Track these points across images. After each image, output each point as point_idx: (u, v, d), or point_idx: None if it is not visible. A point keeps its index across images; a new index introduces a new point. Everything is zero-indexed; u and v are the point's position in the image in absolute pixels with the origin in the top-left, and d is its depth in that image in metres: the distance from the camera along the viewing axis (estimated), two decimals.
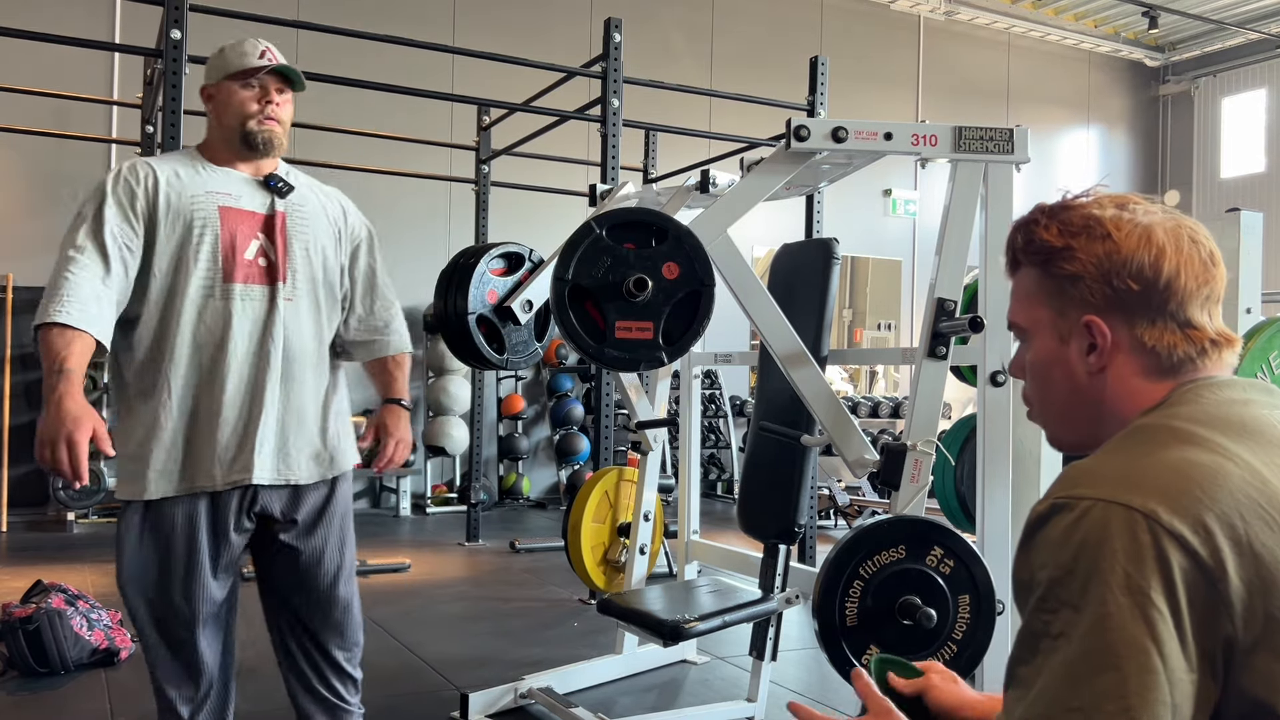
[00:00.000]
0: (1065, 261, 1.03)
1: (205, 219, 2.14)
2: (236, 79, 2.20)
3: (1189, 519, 0.85)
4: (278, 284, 2.18)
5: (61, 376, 1.93)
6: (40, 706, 3.31)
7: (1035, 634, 0.88)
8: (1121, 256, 1.00)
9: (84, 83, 7.03)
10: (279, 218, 2.22)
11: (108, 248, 2.06)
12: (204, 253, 2.12)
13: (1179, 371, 1.01)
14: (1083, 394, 1.05)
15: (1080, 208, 1.05)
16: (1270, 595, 0.85)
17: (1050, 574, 0.88)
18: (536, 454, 8.85)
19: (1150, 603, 0.83)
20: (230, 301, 2.14)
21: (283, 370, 2.17)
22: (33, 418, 7.21)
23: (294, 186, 2.28)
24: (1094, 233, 1.02)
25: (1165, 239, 1.01)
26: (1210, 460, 0.90)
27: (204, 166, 2.22)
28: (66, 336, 1.97)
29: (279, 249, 2.20)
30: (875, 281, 10.80)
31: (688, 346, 2.38)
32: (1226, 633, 0.84)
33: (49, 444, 1.88)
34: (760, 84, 7.23)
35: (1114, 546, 0.85)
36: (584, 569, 3.98)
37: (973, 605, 2.26)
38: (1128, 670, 0.82)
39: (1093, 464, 0.95)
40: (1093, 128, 12.22)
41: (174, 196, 2.13)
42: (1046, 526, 0.90)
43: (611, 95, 4.97)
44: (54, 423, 1.89)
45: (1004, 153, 2.54)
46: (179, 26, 4.04)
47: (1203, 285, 1.01)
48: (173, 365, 2.11)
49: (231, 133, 2.21)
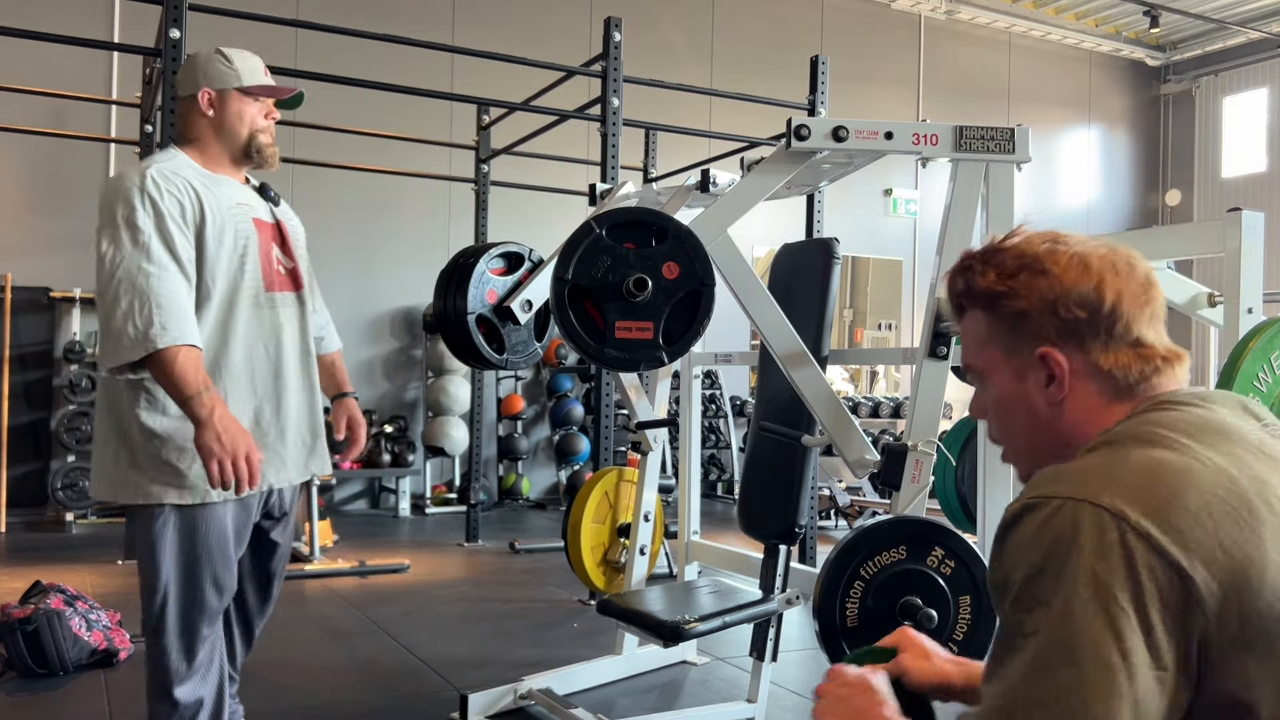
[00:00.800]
0: (1009, 300, 1.05)
1: (246, 231, 2.20)
2: (248, 93, 2.24)
3: (1157, 518, 0.87)
4: (303, 290, 2.33)
5: (211, 395, 2.02)
6: (39, 707, 3.31)
7: (1010, 633, 0.90)
8: (1064, 287, 1.03)
9: (83, 82, 7.03)
10: (284, 227, 2.33)
11: (183, 263, 2.09)
12: (250, 264, 2.20)
13: (1136, 391, 1.04)
14: (1046, 426, 1.07)
15: (1011, 249, 1.07)
16: (1244, 593, 0.86)
17: (1023, 574, 0.90)
18: (536, 454, 8.84)
19: (1113, 599, 0.85)
20: (277, 310, 2.25)
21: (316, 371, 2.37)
22: (33, 418, 7.21)
23: (279, 196, 2.40)
24: (1032, 269, 1.05)
25: (1101, 265, 1.04)
26: (1178, 460, 0.92)
27: (212, 175, 2.23)
28: (195, 356, 2.04)
29: (293, 257, 2.33)
30: (876, 281, 10.79)
31: (688, 346, 2.37)
32: (1200, 630, 0.85)
33: (231, 457, 1.99)
34: (760, 84, 7.22)
35: (1081, 544, 0.87)
36: (584, 569, 3.97)
37: (973, 606, 2.25)
38: (1086, 666, 0.84)
39: (1063, 466, 0.97)
40: (1094, 127, 12.22)
41: (213, 207, 2.16)
42: (1019, 526, 0.92)
43: (611, 95, 4.97)
44: (230, 439, 2.00)
45: (1005, 152, 2.53)
46: (178, 26, 4.04)
47: (1145, 305, 1.04)
48: (229, 373, 2.17)
49: (238, 141, 2.24)
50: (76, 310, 7.26)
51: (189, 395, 2.00)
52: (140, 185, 2.07)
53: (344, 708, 3.34)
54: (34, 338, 7.26)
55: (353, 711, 3.32)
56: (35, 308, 7.24)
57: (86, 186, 7.38)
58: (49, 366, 7.29)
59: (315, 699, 3.41)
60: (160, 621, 2.16)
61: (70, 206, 7.24)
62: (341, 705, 3.36)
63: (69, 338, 7.25)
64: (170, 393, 2.03)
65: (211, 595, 2.18)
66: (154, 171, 2.11)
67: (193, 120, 2.25)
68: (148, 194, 2.07)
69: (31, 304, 7.22)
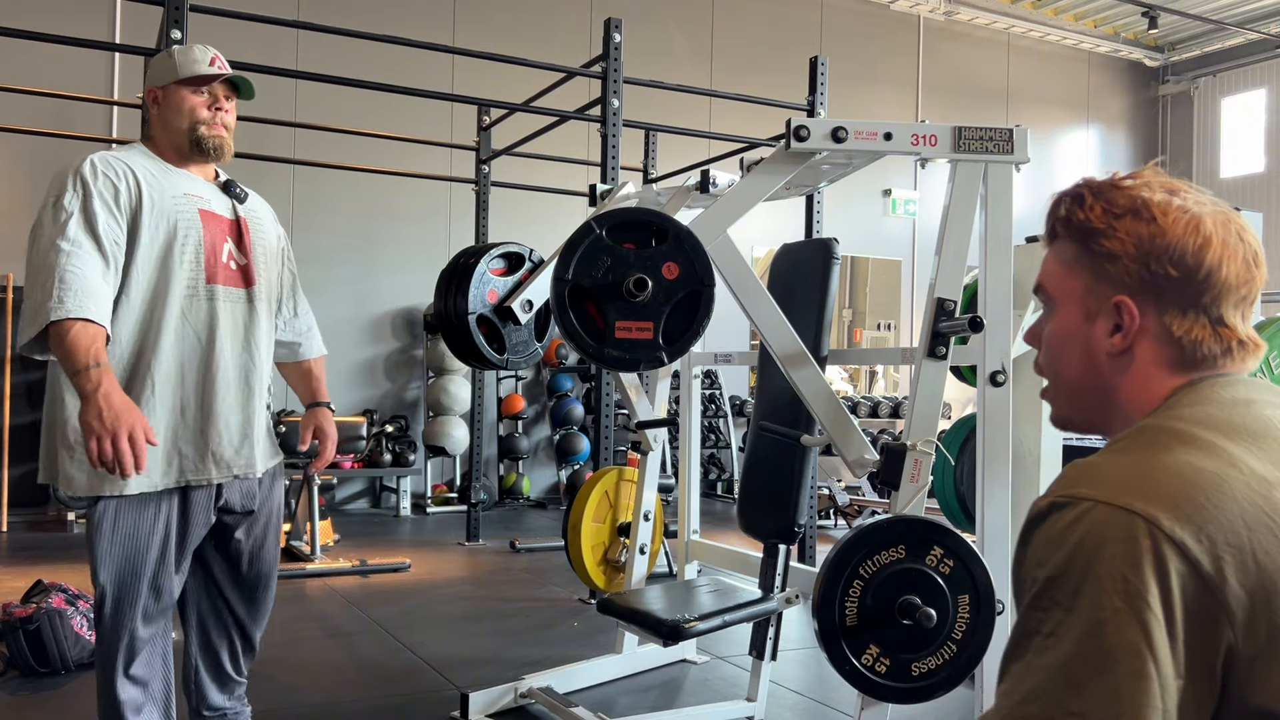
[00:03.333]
0: (1105, 239, 1.00)
1: (189, 220, 2.18)
2: (187, 84, 2.23)
3: (1191, 526, 0.84)
4: (253, 287, 2.29)
5: (102, 370, 1.95)
6: (40, 706, 3.32)
7: (1028, 631, 0.88)
8: (1165, 240, 0.97)
9: (84, 83, 7.03)
10: (243, 223, 2.31)
11: (103, 242, 2.07)
12: (188, 253, 2.17)
13: (1198, 367, 0.99)
14: (1098, 374, 1.03)
15: (1128, 189, 1.01)
16: (1273, 605, 0.84)
17: (1046, 573, 0.87)
18: (536, 454, 8.85)
19: (1147, 607, 0.82)
20: (215, 302, 2.21)
21: (259, 369, 2.31)
22: (33, 418, 7.21)
23: (248, 193, 2.38)
24: (1140, 215, 0.99)
25: (1213, 230, 0.98)
26: (1215, 466, 0.88)
27: (167, 167, 2.24)
28: (90, 331, 1.98)
29: (248, 254, 2.29)
30: (875, 281, 10.80)
31: (688, 346, 2.38)
32: (1228, 641, 0.83)
33: (110, 436, 1.90)
34: (760, 84, 7.23)
35: (1113, 550, 0.84)
36: (584, 569, 3.98)
37: (972, 605, 2.26)
38: (1121, 674, 0.82)
39: (1095, 463, 0.93)
40: (1092, 128, 12.22)
41: (155, 195, 2.15)
42: (1045, 524, 0.90)
43: (611, 95, 4.97)
44: (112, 416, 1.91)
45: (1004, 153, 2.54)
46: (179, 26, 4.04)
47: (1242, 284, 0.98)
48: (156, 361, 2.14)
49: (180, 136, 2.24)
50: None
51: (77, 369, 1.94)
52: (77, 169, 2.11)
53: (344, 706, 3.35)
54: None
55: (353, 710, 3.33)
56: None
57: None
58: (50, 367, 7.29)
59: (316, 698, 3.42)
60: (100, 616, 2.15)
61: None
62: (342, 704, 3.37)
63: None
64: (63, 368, 1.99)
65: (147, 594, 2.14)
66: (95, 157, 2.15)
67: (149, 117, 2.31)
68: (80, 176, 2.09)
69: None
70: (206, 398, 2.20)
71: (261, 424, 2.33)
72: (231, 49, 2.61)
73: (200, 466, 2.20)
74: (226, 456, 2.23)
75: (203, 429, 2.20)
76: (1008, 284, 2.56)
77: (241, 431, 2.26)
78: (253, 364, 2.29)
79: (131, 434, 1.92)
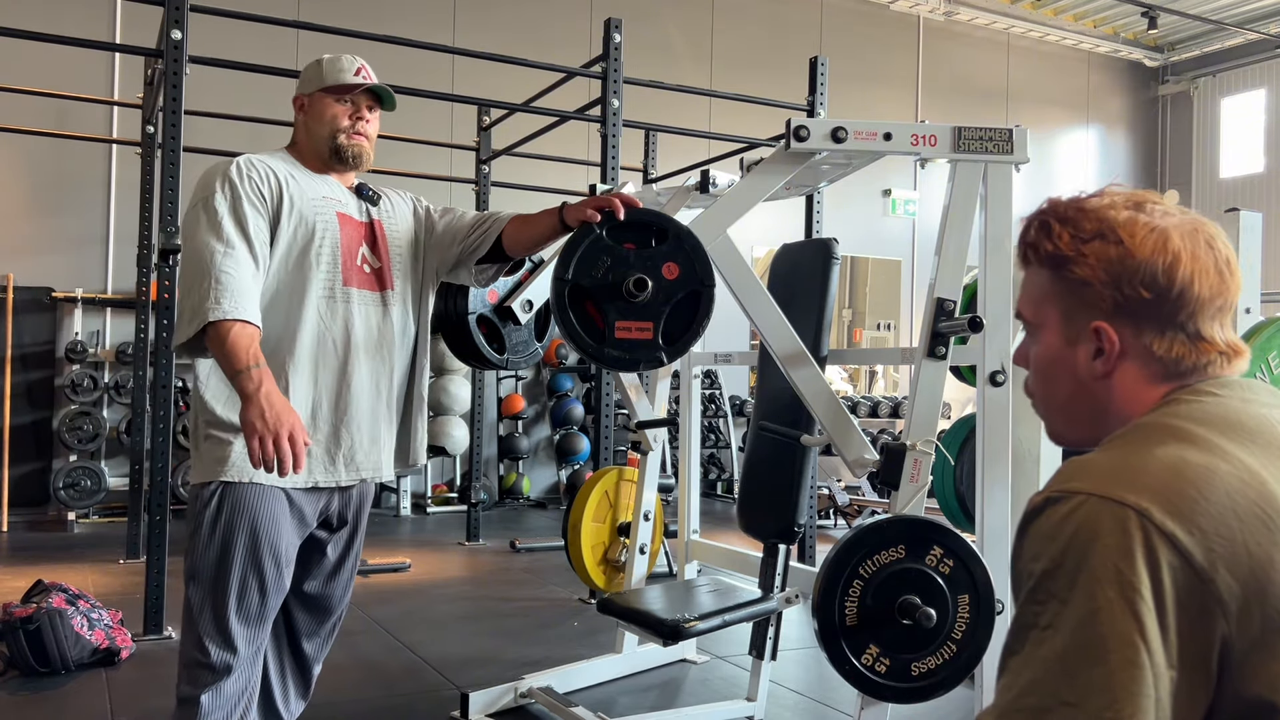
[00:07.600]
0: (1075, 266, 1.01)
1: (327, 223, 2.20)
2: (331, 92, 2.26)
3: (1182, 518, 0.85)
4: (387, 290, 2.30)
5: (262, 371, 1.98)
6: (40, 706, 3.32)
7: (1025, 625, 0.89)
8: (1134, 262, 0.98)
9: (84, 83, 7.03)
10: (378, 226, 2.32)
11: (254, 243, 2.09)
12: (325, 255, 2.19)
13: (1186, 377, 1.01)
14: (1086, 395, 1.05)
15: (1093, 211, 1.02)
16: (1266, 596, 0.85)
17: (1042, 566, 0.89)
18: (536, 454, 8.85)
19: (1140, 598, 0.83)
20: (350, 305, 2.22)
21: (391, 373, 2.30)
22: (35, 418, 7.22)
23: (382, 195, 2.37)
24: (1107, 238, 0.99)
25: (1181, 244, 0.98)
26: (1206, 460, 0.90)
27: (308, 172, 2.26)
28: (248, 332, 2.01)
29: (383, 257, 2.30)
30: (875, 281, 10.80)
31: (688, 346, 2.38)
32: (1222, 633, 0.84)
33: (273, 435, 1.93)
34: (760, 84, 7.24)
35: (1105, 542, 0.85)
36: (584, 569, 3.98)
37: (972, 605, 2.26)
38: (1114, 664, 0.83)
39: (1089, 459, 0.95)
40: (1092, 128, 12.22)
41: (296, 197, 2.17)
42: (1040, 519, 0.91)
43: (611, 95, 4.98)
44: (274, 416, 1.94)
45: (1003, 153, 2.54)
46: (179, 26, 4.04)
47: (1216, 295, 0.99)
48: (292, 361, 2.15)
49: (322, 143, 2.26)
50: (78, 310, 7.27)
51: (238, 369, 1.96)
52: (224, 170, 2.12)
53: (345, 706, 3.35)
54: (36, 338, 7.27)
55: (354, 710, 3.33)
56: (37, 308, 7.25)
57: (88, 187, 7.40)
58: (51, 366, 7.31)
59: (316, 697, 3.38)
60: (188, 604, 2.10)
61: (72, 207, 7.24)
62: (342, 704, 3.37)
63: (71, 338, 7.26)
64: (223, 368, 2.01)
65: (251, 585, 2.09)
66: (242, 159, 2.16)
67: (295, 124, 2.33)
68: (228, 177, 2.10)
69: (33, 304, 7.23)
70: (340, 399, 2.20)
71: (391, 428, 2.32)
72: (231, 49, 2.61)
73: (330, 468, 2.20)
74: (357, 459, 2.23)
75: (335, 430, 2.20)
76: (1007, 284, 2.56)
77: (371, 434, 2.25)
78: (384, 367, 2.28)
79: (292, 434, 1.95)
